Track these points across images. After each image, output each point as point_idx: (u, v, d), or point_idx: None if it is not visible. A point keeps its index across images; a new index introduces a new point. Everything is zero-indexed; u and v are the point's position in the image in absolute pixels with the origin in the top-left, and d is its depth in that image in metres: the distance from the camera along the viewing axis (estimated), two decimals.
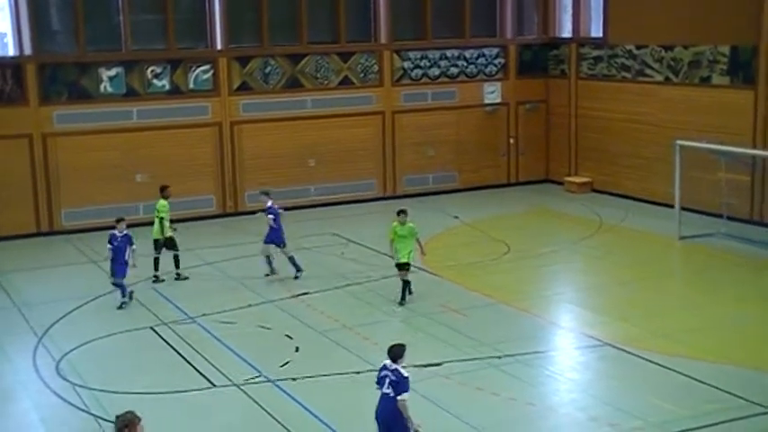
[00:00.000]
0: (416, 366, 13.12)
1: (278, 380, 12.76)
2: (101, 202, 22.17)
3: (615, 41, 24.89)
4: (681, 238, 20.18)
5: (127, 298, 16.26)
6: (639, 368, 13.05)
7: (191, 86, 23.12)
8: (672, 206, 20.73)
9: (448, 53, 25.89)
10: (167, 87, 22.90)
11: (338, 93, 24.61)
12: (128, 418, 7.43)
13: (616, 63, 24.93)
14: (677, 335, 14.34)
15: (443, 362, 13.26)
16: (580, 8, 26.17)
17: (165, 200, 17.90)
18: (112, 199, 22.26)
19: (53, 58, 21.95)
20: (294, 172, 24.16)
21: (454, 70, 26.02)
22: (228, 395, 12.37)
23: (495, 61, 26.56)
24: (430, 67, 25.70)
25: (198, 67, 23.15)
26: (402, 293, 16.03)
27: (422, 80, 25.64)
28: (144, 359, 13.92)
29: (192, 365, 13.46)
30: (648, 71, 23.96)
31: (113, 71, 22.36)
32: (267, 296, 16.67)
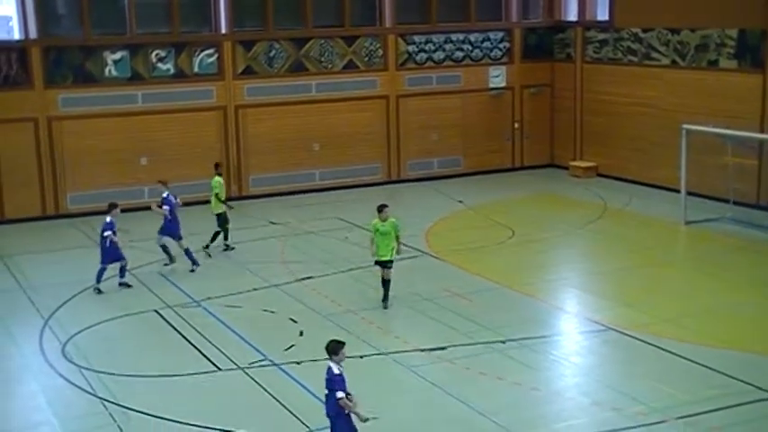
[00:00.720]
0: (422, 351, 13.18)
1: (282, 363, 12.80)
2: (106, 186, 22.20)
3: (621, 25, 24.77)
4: (686, 223, 20.15)
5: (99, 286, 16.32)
6: (643, 353, 13.06)
7: (195, 70, 23.10)
8: (677, 191, 20.68)
9: (453, 37, 25.80)
10: (172, 71, 22.88)
11: (343, 77, 24.55)
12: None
13: (622, 46, 24.81)
14: (682, 320, 14.34)
15: (448, 346, 13.29)
16: None
17: (219, 177, 18.71)
18: (117, 182, 22.32)
19: (58, 42, 21.93)
20: (299, 156, 24.16)
21: (459, 54, 25.94)
22: (233, 378, 12.42)
23: (500, 45, 26.46)
24: (434, 51, 25.62)
25: (202, 51, 23.12)
26: (385, 293, 15.09)
27: (426, 64, 25.56)
28: (149, 342, 13.99)
29: (197, 349, 13.52)
30: (655, 54, 23.84)
31: (118, 55, 22.33)
32: (272, 280, 16.70)
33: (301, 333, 14.00)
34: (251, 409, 11.48)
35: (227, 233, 18.79)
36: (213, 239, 18.59)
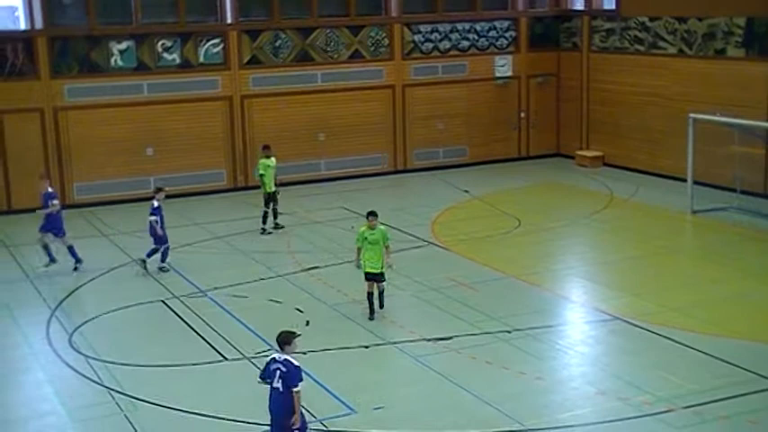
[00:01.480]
0: (427, 340, 13.19)
1: None
2: (112, 176, 22.26)
3: (628, 13, 24.65)
4: (693, 212, 20.09)
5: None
6: (649, 342, 13.05)
7: (201, 60, 23.07)
8: (684, 180, 20.62)
9: (458, 26, 25.71)
10: (178, 61, 22.85)
11: (348, 66, 24.50)
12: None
13: (629, 35, 24.71)
14: (688, 309, 14.31)
15: (454, 336, 13.29)
16: None
17: (267, 158, 19.30)
18: (123, 173, 22.36)
19: (64, 32, 21.92)
20: (304, 146, 24.13)
21: (465, 43, 25.85)
22: (239, 368, 12.45)
23: (506, 34, 26.36)
24: (440, 41, 25.54)
25: (208, 41, 23.09)
26: (380, 298, 14.10)
27: (432, 53, 25.49)
28: (156, 332, 14.02)
29: (204, 338, 13.54)
30: (662, 43, 23.74)
31: (124, 45, 22.32)
32: (278, 270, 16.72)
33: (308, 323, 14.01)
34: (257, 399, 11.49)
35: (276, 213, 19.39)
36: (275, 216, 19.33)
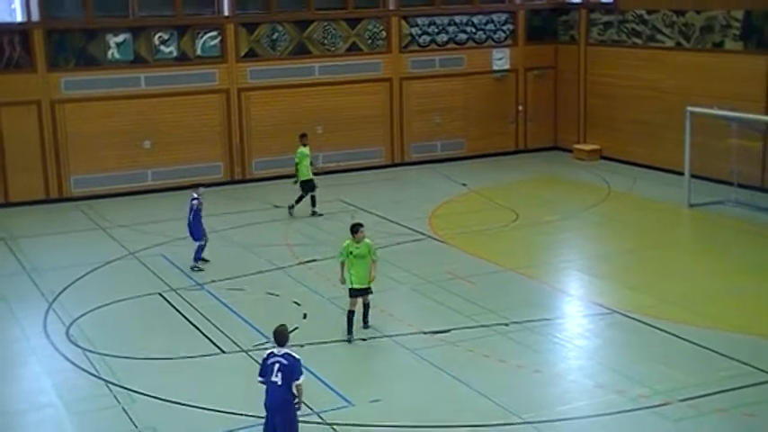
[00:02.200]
0: (425, 333, 13.20)
1: None
2: (109, 169, 22.22)
3: (626, 6, 24.61)
4: (690, 206, 20.10)
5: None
6: (647, 335, 13.06)
7: (198, 53, 23.02)
8: (682, 173, 20.62)
9: (456, 19, 25.67)
10: (175, 54, 22.80)
11: (346, 59, 24.46)
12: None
13: (626, 28, 24.68)
14: (686, 302, 14.33)
15: (451, 329, 13.30)
16: None
17: (304, 147, 19.98)
18: (121, 166, 22.32)
19: (60, 25, 21.85)
20: None
21: (462, 36, 25.81)
22: (237, 361, 12.45)
23: (503, 27, 26.32)
24: (438, 34, 25.50)
25: (205, 34, 23.03)
26: (365, 315, 13.36)
27: (430, 46, 25.45)
28: (153, 325, 14.01)
29: (201, 331, 13.54)
30: (659, 36, 23.72)
31: (121, 38, 22.26)
32: (275, 263, 16.71)
33: (305, 316, 14.01)
34: (254, 392, 11.49)
35: (314, 200, 19.95)
36: (314, 203, 19.95)
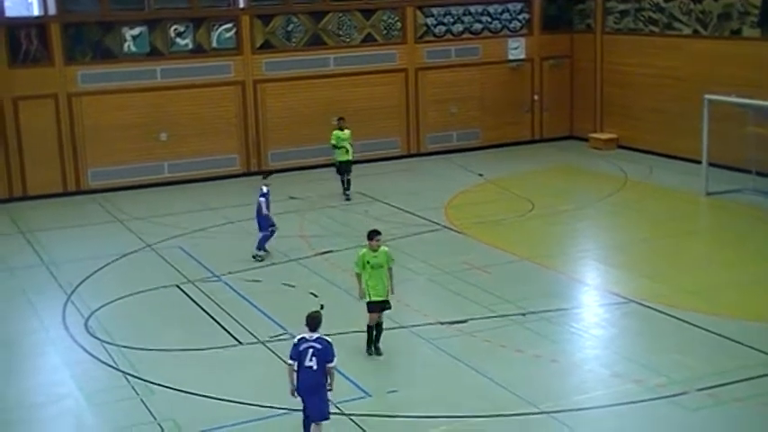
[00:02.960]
0: (442, 324, 13.21)
1: None
2: (126, 162, 22.33)
3: None
4: (708, 194, 19.98)
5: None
6: (664, 325, 13.02)
7: (213, 45, 23.07)
8: (699, 162, 20.49)
9: (471, 8, 25.58)
10: (190, 46, 22.86)
11: (361, 50, 24.44)
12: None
13: (643, 17, 24.51)
14: (703, 292, 14.26)
15: (468, 319, 13.31)
16: None
17: (341, 130, 20.83)
18: (137, 158, 22.42)
19: (77, 18, 21.94)
20: (317, 130, 24.04)
21: (478, 26, 25.72)
22: (254, 352, 12.51)
23: (519, 16, 26.21)
24: (453, 23, 25.43)
25: (221, 26, 23.07)
26: (377, 338, 12.34)
27: (445, 36, 25.38)
28: (171, 317, 14.09)
29: (218, 323, 13.61)
30: (676, 24, 23.54)
31: (137, 30, 22.33)
32: (292, 254, 16.76)
33: (322, 307, 13.98)
34: (272, 383, 11.55)
35: (348, 183, 20.74)
36: (347, 187, 20.75)
